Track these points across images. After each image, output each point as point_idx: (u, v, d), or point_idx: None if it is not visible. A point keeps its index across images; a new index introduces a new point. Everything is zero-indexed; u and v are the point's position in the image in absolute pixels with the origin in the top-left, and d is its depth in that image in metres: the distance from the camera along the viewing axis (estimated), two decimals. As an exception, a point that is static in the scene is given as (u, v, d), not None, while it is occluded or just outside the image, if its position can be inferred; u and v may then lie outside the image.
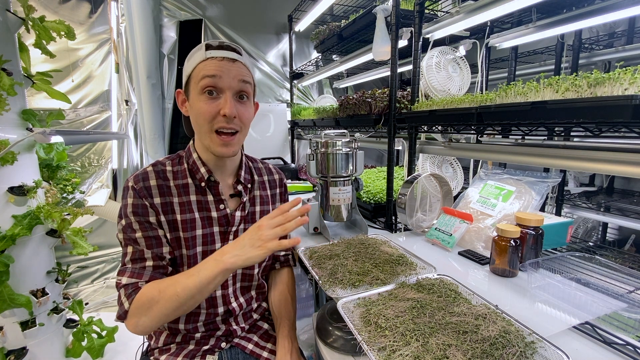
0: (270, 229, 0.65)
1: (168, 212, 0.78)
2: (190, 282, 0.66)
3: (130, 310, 0.69)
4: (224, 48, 0.77)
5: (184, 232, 0.79)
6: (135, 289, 0.70)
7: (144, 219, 0.75)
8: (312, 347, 1.19)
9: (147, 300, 0.68)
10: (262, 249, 0.64)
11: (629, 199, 1.96)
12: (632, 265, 1.36)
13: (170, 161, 0.84)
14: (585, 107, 0.69)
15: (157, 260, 0.75)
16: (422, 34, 1.26)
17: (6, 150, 1.25)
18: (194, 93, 0.77)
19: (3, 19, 1.30)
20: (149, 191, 0.77)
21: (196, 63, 0.76)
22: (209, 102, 0.75)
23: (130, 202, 0.75)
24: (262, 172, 0.99)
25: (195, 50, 0.79)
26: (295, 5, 2.46)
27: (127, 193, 0.76)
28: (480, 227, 1.10)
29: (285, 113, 2.66)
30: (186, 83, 0.79)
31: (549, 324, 0.67)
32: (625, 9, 1.03)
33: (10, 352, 1.38)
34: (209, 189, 0.83)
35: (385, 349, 0.55)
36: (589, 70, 1.35)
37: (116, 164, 2.43)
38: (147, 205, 0.75)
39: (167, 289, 0.67)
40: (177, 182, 0.81)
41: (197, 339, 0.84)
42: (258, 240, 0.65)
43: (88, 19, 2.25)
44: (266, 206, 0.95)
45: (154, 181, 0.78)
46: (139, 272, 0.73)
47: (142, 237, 0.75)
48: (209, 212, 0.83)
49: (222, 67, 0.75)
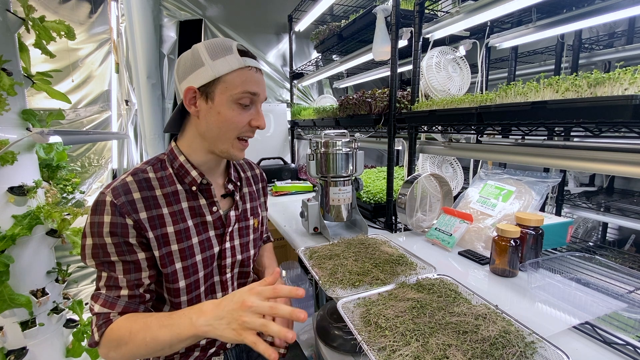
0: (255, 315, 0.54)
1: (157, 227, 0.70)
2: (160, 334, 0.61)
3: (101, 342, 0.65)
4: (253, 56, 0.76)
5: (179, 243, 0.73)
6: (106, 320, 0.66)
7: (122, 240, 0.67)
8: (312, 347, 1.18)
9: (117, 338, 0.64)
10: (237, 335, 0.55)
11: (629, 199, 1.96)
12: (632, 265, 1.36)
13: (152, 167, 0.76)
14: (585, 107, 0.69)
15: (133, 290, 0.68)
16: (422, 34, 1.26)
17: (4, 150, 1.25)
18: (223, 98, 0.72)
19: (3, 19, 1.30)
20: (133, 206, 0.68)
21: (232, 68, 0.71)
22: (242, 112, 0.74)
23: (107, 221, 0.66)
24: (245, 168, 0.98)
25: (222, 50, 0.72)
26: (295, 5, 2.46)
27: (103, 208, 0.66)
28: (480, 227, 1.10)
29: (285, 113, 2.66)
30: (209, 83, 0.71)
31: (549, 324, 0.67)
32: (625, 9, 1.03)
33: (10, 352, 1.38)
34: (201, 193, 0.79)
35: (385, 349, 0.55)
36: (589, 70, 1.36)
37: (116, 164, 2.43)
38: (127, 224, 0.67)
39: (137, 334, 0.62)
40: (165, 190, 0.74)
41: (202, 346, 0.82)
42: (236, 323, 0.55)
43: (88, 19, 2.25)
44: (254, 202, 0.95)
45: (138, 193, 0.69)
46: (112, 301, 0.67)
47: (119, 261, 0.67)
48: (203, 216, 0.78)
49: (259, 81, 0.75)
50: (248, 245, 0.89)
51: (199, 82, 0.72)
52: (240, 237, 0.87)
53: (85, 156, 2.35)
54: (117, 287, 0.68)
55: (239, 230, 0.87)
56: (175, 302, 0.76)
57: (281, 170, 2.29)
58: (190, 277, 0.75)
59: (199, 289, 0.78)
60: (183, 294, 0.75)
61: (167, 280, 0.74)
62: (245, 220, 0.89)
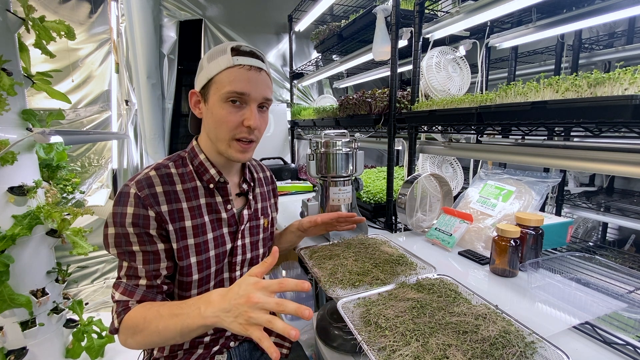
0: (261, 311, 0.53)
1: (176, 220, 0.73)
2: (171, 323, 0.62)
3: (120, 329, 0.69)
4: (251, 55, 0.74)
5: (195, 237, 0.76)
6: (125, 308, 0.69)
7: (143, 230, 0.70)
8: (312, 347, 1.18)
9: (133, 325, 0.66)
10: (243, 330, 0.54)
11: (629, 199, 1.96)
12: (632, 265, 1.36)
13: (173, 163, 0.79)
14: (585, 107, 0.69)
15: (151, 280, 0.71)
16: (422, 34, 1.26)
17: (5, 150, 1.25)
18: (215, 98, 0.73)
19: (3, 19, 1.30)
20: (156, 199, 0.71)
21: (221, 68, 0.72)
22: (233, 111, 0.73)
23: (130, 212, 0.69)
24: (257, 170, 1.00)
25: (218, 52, 0.74)
26: (295, 5, 2.46)
27: (127, 200, 0.69)
28: (480, 227, 1.10)
29: (285, 113, 2.66)
30: (205, 85, 0.75)
31: (549, 324, 0.67)
32: (625, 9, 1.02)
33: (10, 352, 1.38)
34: (218, 190, 0.81)
35: (385, 349, 0.55)
36: (589, 70, 1.36)
37: (116, 164, 2.43)
38: (149, 216, 0.70)
39: (151, 322, 0.64)
40: (185, 186, 0.77)
41: (206, 343, 0.83)
42: (243, 318, 0.54)
43: (88, 19, 2.26)
44: (265, 202, 0.96)
45: (160, 187, 0.73)
46: (131, 289, 0.70)
47: (139, 251, 0.70)
48: (219, 213, 0.81)
49: (250, 79, 0.73)
50: (258, 244, 0.91)
51: (199, 86, 0.77)
52: (251, 236, 0.88)
53: (85, 156, 2.35)
54: (137, 276, 0.71)
55: (250, 229, 0.88)
56: (185, 295, 0.78)
57: (281, 170, 2.29)
58: (203, 271, 0.78)
59: (209, 284, 0.80)
60: (194, 288, 0.77)
61: (180, 273, 0.76)
62: (256, 219, 0.91)
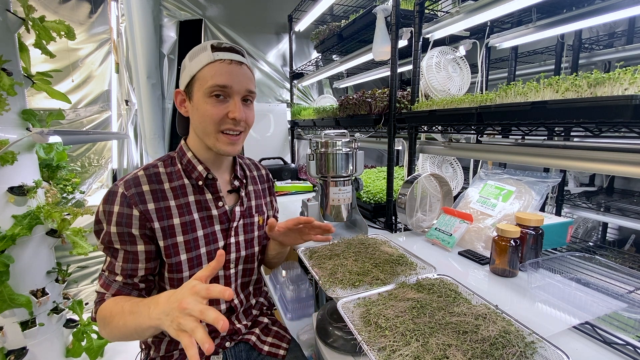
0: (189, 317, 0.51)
1: (163, 218, 0.75)
2: (129, 320, 0.63)
3: (96, 319, 0.73)
4: (231, 50, 0.76)
5: (184, 235, 0.77)
6: (100, 300, 0.73)
7: (126, 230, 0.72)
8: (312, 347, 1.18)
9: (102, 318, 0.70)
10: (176, 335, 0.52)
11: (629, 199, 1.96)
12: (632, 265, 1.36)
13: (162, 162, 0.81)
14: (585, 107, 0.69)
15: (126, 278, 0.73)
16: (422, 34, 1.26)
17: (4, 150, 1.25)
18: (199, 94, 0.75)
19: (3, 19, 1.30)
20: (142, 197, 0.73)
21: (202, 64, 0.74)
22: (217, 105, 0.75)
23: (115, 210, 0.71)
24: (251, 168, 1.00)
25: (198, 50, 0.76)
26: (295, 5, 2.46)
27: (114, 199, 0.72)
28: (480, 227, 1.10)
29: (285, 113, 2.66)
30: (189, 83, 0.77)
31: (549, 324, 0.67)
32: (625, 9, 1.02)
33: (10, 352, 1.38)
34: (207, 187, 0.82)
35: (385, 349, 0.55)
36: (589, 70, 1.36)
37: (116, 164, 2.43)
38: (132, 215, 0.71)
39: (114, 317, 0.67)
40: (173, 184, 0.78)
41: None
42: (175, 323, 0.52)
43: (88, 19, 2.25)
44: (259, 200, 0.96)
45: (147, 186, 0.75)
46: (108, 283, 0.73)
47: (120, 249, 0.73)
48: (209, 210, 0.81)
49: (232, 72, 0.75)
50: (253, 242, 0.90)
51: (183, 84, 0.79)
52: (245, 234, 0.89)
53: (85, 156, 2.35)
54: (114, 272, 0.74)
55: (244, 226, 0.88)
56: None
57: (281, 170, 2.29)
58: (194, 268, 0.79)
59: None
60: None
61: (170, 271, 0.77)
62: (250, 217, 0.91)
